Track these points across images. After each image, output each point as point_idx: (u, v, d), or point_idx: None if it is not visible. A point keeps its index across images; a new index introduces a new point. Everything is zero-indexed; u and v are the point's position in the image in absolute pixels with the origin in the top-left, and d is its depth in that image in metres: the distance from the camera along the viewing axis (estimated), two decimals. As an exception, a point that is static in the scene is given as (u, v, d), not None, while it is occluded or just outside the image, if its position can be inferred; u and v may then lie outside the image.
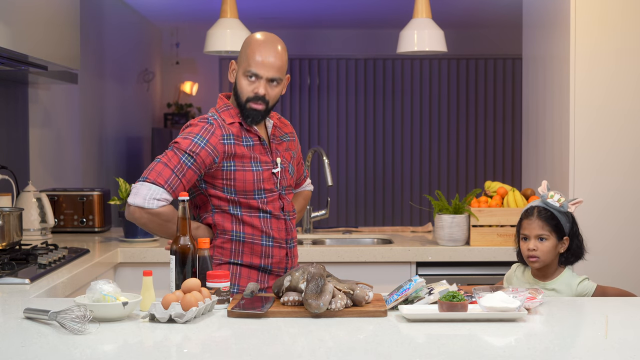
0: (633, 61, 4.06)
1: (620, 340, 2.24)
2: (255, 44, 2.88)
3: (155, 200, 2.76)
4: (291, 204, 3.03)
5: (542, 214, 2.95)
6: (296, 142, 3.14)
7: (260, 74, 2.86)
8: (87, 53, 5.48)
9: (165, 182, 2.76)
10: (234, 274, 2.92)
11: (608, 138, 4.07)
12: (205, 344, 2.17)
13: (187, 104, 9.18)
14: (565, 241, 2.95)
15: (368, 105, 9.47)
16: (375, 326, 2.33)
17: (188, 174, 2.79)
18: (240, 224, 2.91)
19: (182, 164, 2.78)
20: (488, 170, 9.49)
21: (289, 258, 2.98)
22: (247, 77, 2.87)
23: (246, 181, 2.87)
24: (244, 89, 2.88)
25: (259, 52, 2.86)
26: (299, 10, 7.93)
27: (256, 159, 2.89)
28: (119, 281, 3.91)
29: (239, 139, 2.88)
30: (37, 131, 4.72)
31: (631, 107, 4.07)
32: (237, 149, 2.86)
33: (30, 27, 3.40)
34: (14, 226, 3.52)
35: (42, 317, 2.32)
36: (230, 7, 4.75)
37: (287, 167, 2.99)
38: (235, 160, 2.86)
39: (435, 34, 4.68)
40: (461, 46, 8.96)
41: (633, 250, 4.07)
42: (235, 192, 2.87)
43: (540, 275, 2.98)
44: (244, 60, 2.89)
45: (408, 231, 4.70)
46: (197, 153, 2.80)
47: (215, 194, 2.88)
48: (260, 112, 2.89)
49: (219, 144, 2.83)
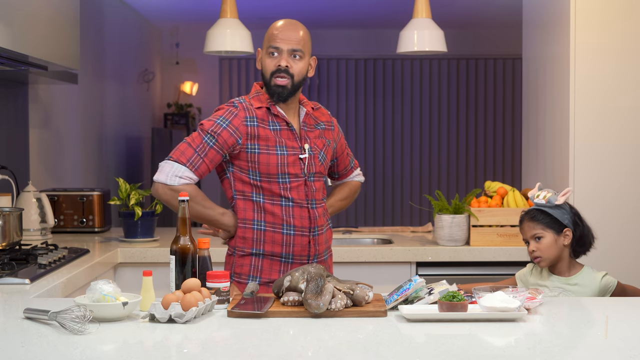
0: (633, 61, 4.06)
1: (620, 340, 2.24)
2: (275, 24, 3.01)
3: (177, 177, 2.87)
4: (319, 192, 3.04)
5: (530, 215, 3.01)
6: (336, 132, 3.16)
7: (280, 46, 2.94)
8: (87, 53, 5.48)
9: (187, 161, 2.88)
10: (256, 266, 2.98)
11: (608, 138, 4.07)
12: (205, 344, 2.17)
13: (187, 104, 9.18)
14: (567, 233, 2.96)
15: (368, 105, 9.47)
16: (375, 326, 2.33)
17: (210, 153, 2.89)
18: (261, 212, 2.95)
19: (204, 144, 2.89)
20: (488, 170, 9.49)
21: (311, 246, 3.00)
22: (270, 55, 2.96)
23: (270, 164, 2.92)
24: (267, 65, 2.96)
25: (277, 29, 2.98)
26: (299, 10, 7.93)
27: (282, 143, 2.94)
28: (119, 281, 3.91)
29: (264, 122, 2.94)
30: (37, 131, 4.72)
31: (631, 107, 4.07)
32: (261, 131, 2.92)
33: (30, 28, 3.40)
34: (14, 226, 3.52)
35: (42, 317, 2.32)
36: (230, 7, 4.75)
37: (317, 154, 3.02)
38: (259, 142, 2.92)
39: (435, 34, 4.68)
40: (461, 46, 8.96)
41: (635, 249, 4.07)
42: (259, 175, 2.93)
43: (557, 271, 3.00)
44: (265, 41, 2.99)
45: (408, 231, 4.70)
46: (219, 133, 2.89)
47: (240, 177, 2.95)
48: (286, 87, 2.94)
49: (241, 125, 2.91)
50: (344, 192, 3.30)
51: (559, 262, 2.99)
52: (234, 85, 9.44)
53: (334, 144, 3.14)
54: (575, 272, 2.98)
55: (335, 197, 3.28)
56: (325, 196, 3.12)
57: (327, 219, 3.10)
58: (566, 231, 2.96)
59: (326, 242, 3.10)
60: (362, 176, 3.38)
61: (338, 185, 3.33)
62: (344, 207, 3.32)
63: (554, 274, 3.00)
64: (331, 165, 3.23)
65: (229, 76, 9.44)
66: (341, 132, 3.21)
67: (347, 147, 3.27)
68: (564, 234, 2.96)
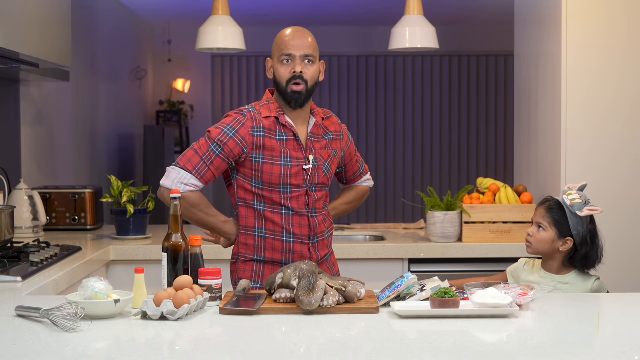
0: (624, 58, 4.07)
1: (611, 336, 2.25)
2: (283, 33, 3.01)
3: (182, 184, 2.91)
4: (320, 201, 3.06)
5: (549, 205, 2.99)
6: (345, 140, 3.17)
7: (293, 52, 2.95)
8: (78, 50, 5.47)
9: (193, 168, 2.91)
10: (257, 271, 3.00)
11: (600, 134, 4.08)
12: (197, 341, 2.18)
13: (179, 101, 9.17)
14: (569, 242, 2.95)
15: (360, 102, 9.47)
16: (367, 323, 2.33)
17: (216, 161, 2.92)
18: (262, 220, 2.98)
19: (210, 152, 2.92)
20: (480, 167, 9.50)
21: (312, 252, 3.02)
22: (283, 62, 2.97)
23: (273, 174, 2.94)
24: (282, 73, 2.97)
25: (287, 37, 2.98)
26: (291, 7, 7.93)
27: (287, 153, 2.96)
28: (111, 279, 3.91)
29: (271, 132, 2.96)
30: (28, 129, 4.71)
31: (622, 104, 4.08)
32: (267, 142, 2.94)
33: (21, 25, 3.39)
34: (5, 224, 3.51)
35: (33, 315, 2.31)
36: (222, 4, 4.74)
37: (321, 165, 3.04)
38: (264, 152, 2.94)
39: (427, 30, 4.69)
40: (453, 43, 8.96)
41: (622, 248, 4.08)
42: (262, 184, 2.95)
43: (548, 267, 3.00)
44: (276, 50, 3.00)
45: (400, 228, 4.70)
46: (225, 143, 2.91)
47: (243, 185, 2.98)
48: (302, 93, 2.96)
49: (248, 135, 2.92)
50: (351, 196, 3.31)
51: (550, 260, 3.00)
52: (226, 82, 9.43)
53: (342, 152, 3.15)
54: (567, 272, 2.99)
55: (341, 200, 3.29)
56: (327, 204, 3.14)
57: (328, 224, 3.11)
58: (568, 240, 2.95)
59: (329, 247, 3.12)
60: (372, 181, 3.38)
61: (346, 188, 3.34)
62: (349, 210, 3.33)
63: (544, 269, 3.01)
64: (340, 171, 3.25)
65: (221, 73, 9.43)
66: (351, 140, 3.22)
67: (357, 154, 3.28)
68: (565, 240, 2.95)
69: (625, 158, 4.07)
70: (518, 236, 4.10)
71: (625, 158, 4.08)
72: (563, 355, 2.01)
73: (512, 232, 4.11)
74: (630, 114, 4.07)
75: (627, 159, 4.08)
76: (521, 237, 4.08)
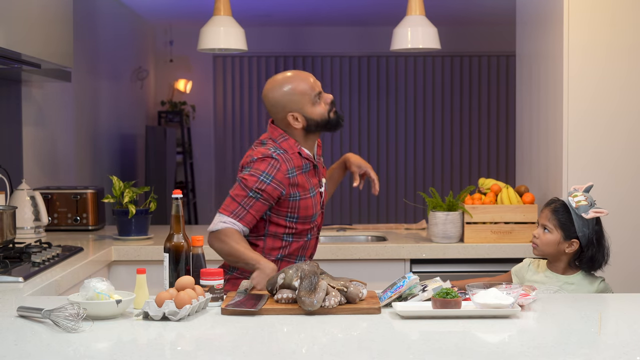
0: (626, 57, 4.07)
1: (613, 336, 2.24)
2: (295, 80, 3.03)
3: (221, 222, 2.95)
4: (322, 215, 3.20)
5: (554, 206, 2.99)
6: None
7: (318, 89, 3.05)
8: (80, 51, 5.47)
9: (231, 213, 2.95)
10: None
11: (601, 134, 4.07)
12: (199, 342, 2.18)
13: (181, 101, 9.18)
14: (574, 244, 2.94)
15: (362, 102, 9.48)
16: (369, 323, 2.33)
17: (256, 205, 2.96)
18: (287, 249, 3.07)
19: (249, 198, 2.95)
20: (482, 167, 9.50)
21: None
22: (316, 102, 3.02)
23: (308, 207, 3.03)
24: (321, 110, 3.04)
25: (303, 80, 3.03)
26: (293, 7, 7.93)
27: (311, 184, 3.06)
28: (113, 279, 3.91)
29: (299, 168, 3.02)
30: (30, 129, 4.71)
31: (624, 104, 4.07)
32: (300, 179, 3.01)
33: (23, 25, 3.39)
34: (7, 224, 3.51)
35: (35, 315, 2.31)
36: (223, 5, 4.74)
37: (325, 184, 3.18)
38: (299, 190, 3.01)
39: (428, 31, 4.69)
40: (455, 43, 8.96)
41: (628, 249, 4.08)
42: (297, 218, 3.02)
43: (554, 268, 3.01)
44: (300, 98, 3.01)
45: (402, 228, 4.70)
46: (264, 190, 2.95)
47: (277, 221, 3.02)
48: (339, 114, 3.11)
49: (284, 178, 2.97)
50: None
51: (556, 261, 3.00)
52: (228, 82, 9.44)
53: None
54: (573, 272, 2.99)
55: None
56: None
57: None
58: (574, 242, 2.94)
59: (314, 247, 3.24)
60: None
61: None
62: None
63: (550, 270, 3.01)
64: None
65: (222, 73, 9.44)
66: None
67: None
68: (571, 243, 2.95)
69: (629, 159, 4.07)
70: (520, 236, 4.10)
71: (629, 159, 4.07)
72: (565, 356, 2.01)
73: (513, 233, 4.11)
74: (635, 113, 4.06)
75: (631, 159, 4.07)
76: (523, 237, 4.08)
